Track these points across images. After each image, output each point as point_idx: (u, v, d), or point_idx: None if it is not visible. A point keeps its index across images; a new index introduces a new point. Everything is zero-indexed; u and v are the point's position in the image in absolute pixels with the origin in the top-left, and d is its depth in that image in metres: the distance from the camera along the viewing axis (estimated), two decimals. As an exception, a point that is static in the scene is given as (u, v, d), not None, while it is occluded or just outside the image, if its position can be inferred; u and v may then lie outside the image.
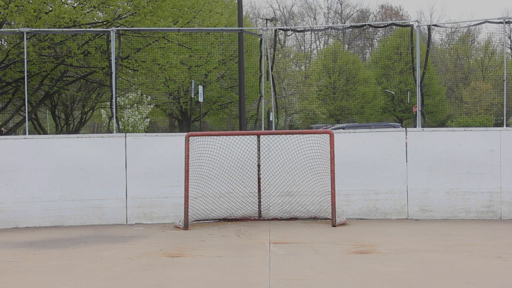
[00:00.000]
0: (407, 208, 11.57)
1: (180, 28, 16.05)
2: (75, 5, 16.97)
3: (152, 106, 32.46)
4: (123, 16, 17.37)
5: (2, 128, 22.85)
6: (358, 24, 21.40)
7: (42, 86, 19.23)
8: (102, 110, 29.45)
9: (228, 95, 32.79)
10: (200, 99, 24.71)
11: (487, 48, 43.69)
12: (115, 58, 12.13)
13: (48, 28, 15.48)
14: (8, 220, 11.20)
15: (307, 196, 11.30)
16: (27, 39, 13.61)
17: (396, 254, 8.36)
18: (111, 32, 12.16)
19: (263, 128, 12.92)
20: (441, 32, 60.55)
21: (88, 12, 16.97)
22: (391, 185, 11.53)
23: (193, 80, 25.81)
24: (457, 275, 7.12)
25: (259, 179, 11.54)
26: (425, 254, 8.28)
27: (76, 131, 24.81)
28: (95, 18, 17.31)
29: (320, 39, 66.76)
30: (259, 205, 11.54)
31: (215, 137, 11.32)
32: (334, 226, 10.67)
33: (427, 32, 12.82)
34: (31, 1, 16.03)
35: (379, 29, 59.77)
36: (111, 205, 11.43)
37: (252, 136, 11.54)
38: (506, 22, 12.09)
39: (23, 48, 12.94)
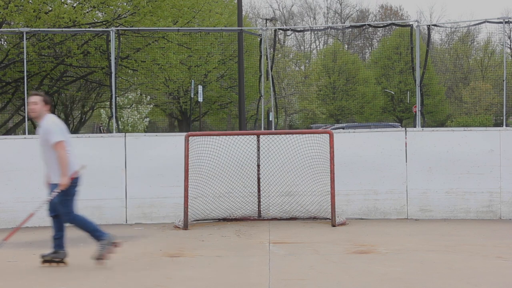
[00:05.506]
0: (407, 208, 11.57)
1: (179, 28, 16.06)
2: (74, 5, 16.98)
3: (151, 106, 32.47)
4: (123, 16, 17.38)
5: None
6: (358, 24, 21.40)
7: (42, 86, 19.23)
8: (102, 110, 29.46)
9: (227, 95, 32.79)
10: (200, 99, 24.72)
11: (486, 48, 43.69)
12: (115, 58, 12.12)
13: (48, 28, 15.48)
14: (8, 220, 11.19)
15: (306, 196, 11.30)
16: (26, 39, 13.60)
17: (396, 254, 8.35)
18: (111, 32, 12.15)
19: (262, 128, 12.92)
20: (441, 32, 60.59)
21: (87, 12, 16.98)
22: (390, 185, 11.53)
23: (192, 80, 25.82)
24: (457, 275, 7.12)
25: (258, 179, 11.54)
26: (425, 254, 8.28)
27: (75, 131, 24.80)
28: (95, 18, 17.32)
29: (320, 39, 66.77)
30: (259, 205, 11.54)
31: (214, 137, 11.32)
32: (333, 226, 10.67)
33: (426, 32, 12.83)
34: (30, 1, 16.04)
35: (378, 29, 59.80)
36: (110, 205, 11.42)
37: (252, 136, 11.54)
38: (506, 22, 12.10)
39: (23, 48, 12.94)
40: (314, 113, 42.59)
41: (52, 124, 7.80)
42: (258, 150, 11.54)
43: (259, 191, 11.53)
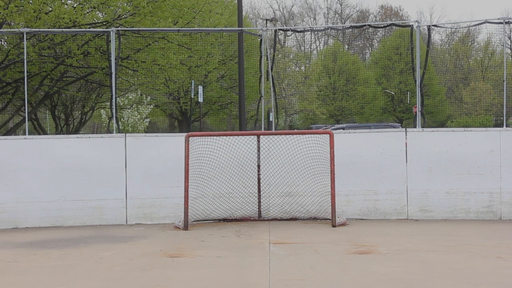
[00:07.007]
0: (407, 208, 11.57)
1: (180, 29, 16.04)
2: (75, 6, 16.96)
3: (152, 107, 32.47)
4: (123, 16, 17.36)
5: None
6: (358, 24, 21.36)
7: (42, 86, 19.22)
8: (102, 110, 29.45)
9: (228, 96, 32.80)
10: (200, 100, 24.72)
11: (487, 48, 43.65)
12: (115, 59, 12.13)
13: (48, 28, 15.47)
14: (8, 220, 11.20)
15: (307, 196, 11.30)
16: (27, 39, 13.60)
17: (396, 254, 8.36)
18: (111, 32, 12.16)
19: (263, 128, 12.92)
20: (441, 33, 60.62)
21: (88, 13, 16.97)
22: (391, 185, 11.53)
23: (193, 81, 25.81)
24: (457, 275, 7.12)
25: (259, 179, 11.54)
26: (425, 254, 8.28)
27: (76, 131, 24.80)
28: (95, 19, 17.30)
29: (320, 40, 66.80)
30: (259, 206, 11.54)
31: (215, 137, 11.32)
32: (334, 226, 10.67)
33: (427, 33, 12.83)
34: (31, 2, 16.03)
35: (379, 29, 59.77)
36: (111, 205, 11.42)
37: (252, 137, 11.54)
38: (506, 23, 12.10)
39: (23, 48, 12.94)
40: (314, 114, 42.59)
41: None
42: (258, 150, 11.55)
43: (259, 191, 11.54)
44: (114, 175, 11.44)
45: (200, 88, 24.14)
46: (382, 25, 21.47)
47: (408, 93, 43.47)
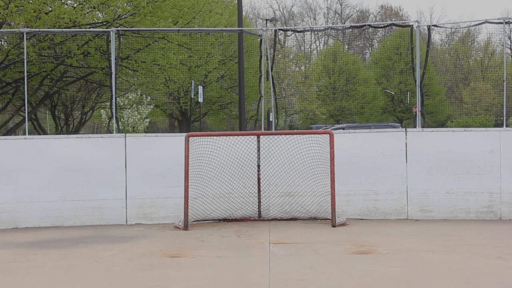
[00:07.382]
0: (407, 208, 11.57)
1: (180, 29, 16.04)
2: (75, 6, 16.96)
3: (152, 107, 32.47)
4: (123, 16, 17.36)
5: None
6: (358, 24, 21.41)
7: (42, 86, 19.22)
8: (102, 110, 29.45)
9: (228, 96, 32.81)
10: (200, 100, 24.73)
11: (486, 48, 43.63)
12: (115, 59, 12.13)
13: (48, 28, 15.47)
14: (8, 220, 11.20)
15: (307, 196, 11.30)
16: (27, 39, 13.60)
17: (396, 254, 8.36)
18: (111, 32, 12.16)
19: (263, 128, 12.92)
20: (441, 33, 60.66)
21: (88, 13, 16.97)
22: (391, 185, 11.53)
23: (193, 81, 25.82)
24: (457, 275, 7.12)
25: (259, 179, 11.54)
26: (425, 254, 8.29)
27: (76, 131, 24.80)
28: (95, 19, 17.30)
29: (320, 40, 66.80)
30: (259, 206, 11.54)
31: (215, 137, 11.32)
32: (334, 226, 10.68)
33: (427, 33, 12.83)
34: (31, 2, 16.03)
35: (379, 29, 59.75)
36: (111, 205, 11.42)
37: (252, 137, 11.54)
38: (506, 23, 12.10)
39: (23, 48, 12.94)
40: (314, 114, 42.60)
41: None
42: (258, 150, 11.55)
43: (259, 191, 11.54)
44: (114, 175, 11.44)
45: (200, 88, 24.15)
46: (382, 25, 21.46)
47: (408, 93, 43.47)
